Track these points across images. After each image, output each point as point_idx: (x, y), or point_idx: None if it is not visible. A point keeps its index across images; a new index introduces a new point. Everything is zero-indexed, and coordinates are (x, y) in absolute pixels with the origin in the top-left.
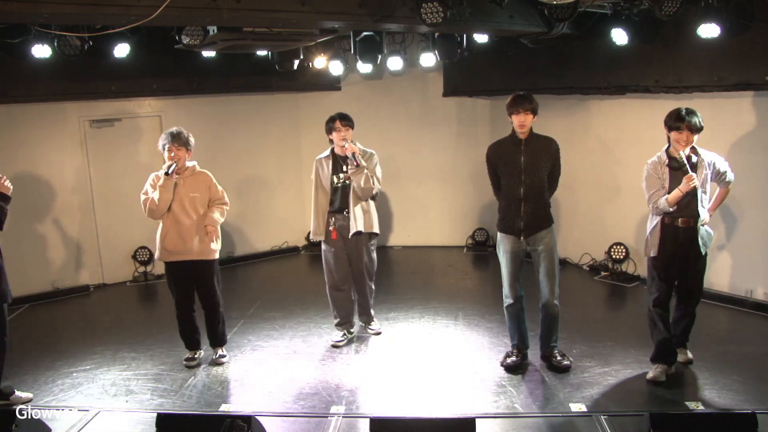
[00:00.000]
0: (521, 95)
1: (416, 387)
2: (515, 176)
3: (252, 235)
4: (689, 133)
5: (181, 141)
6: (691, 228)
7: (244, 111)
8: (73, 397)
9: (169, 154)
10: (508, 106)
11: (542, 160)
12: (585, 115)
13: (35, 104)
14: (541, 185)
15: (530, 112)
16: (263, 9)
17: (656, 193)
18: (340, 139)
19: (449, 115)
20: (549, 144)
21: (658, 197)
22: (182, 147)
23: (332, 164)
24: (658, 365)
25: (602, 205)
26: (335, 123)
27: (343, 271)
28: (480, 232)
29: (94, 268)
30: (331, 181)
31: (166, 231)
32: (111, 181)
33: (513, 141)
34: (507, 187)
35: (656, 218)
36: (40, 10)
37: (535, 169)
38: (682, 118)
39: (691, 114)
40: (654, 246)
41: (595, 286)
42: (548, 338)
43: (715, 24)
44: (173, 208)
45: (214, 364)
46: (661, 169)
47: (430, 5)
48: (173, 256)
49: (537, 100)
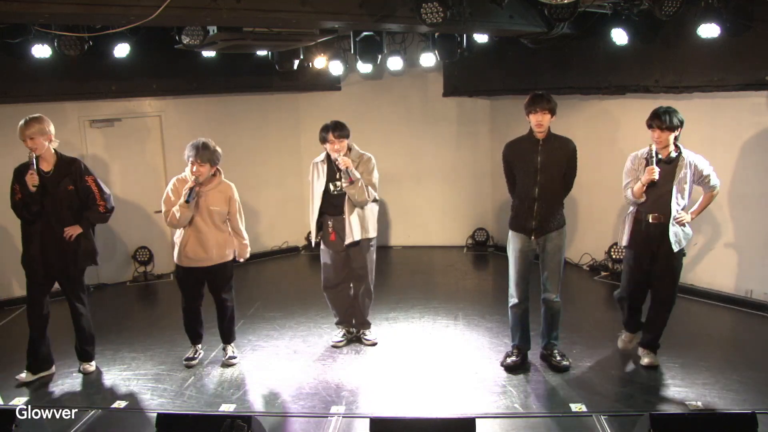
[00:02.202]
0: (539, 94)
1: (416, 387)
2: (530, 176)
3: (252, 235)
4: (660, 131)
5: (204, 157)
6: (661, 224)
7: (244, 111)
8: (73, 397)
9: (191, 168)
10: (525, 105)
11: (558, 160)
12: (585, 115)
13: (35, 104)
14: (556, 186)
15: (548, 111)
16: (263, 9)
17: (629, 184)
18: (333, 152)
19: (449, 115)
20: (566, 144)
21: (629, 188)
22: (206, 163)
23: (327, 170)
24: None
25: (602, 205)
26: (328, 134)
27: (340, 272)
28: (480, 232)
29: (94, 268)
30: (326, 187)
31: (187, 239)
32: (111, 181)
33: (530, 140)
34: (521, 186)
35: (632, 209)
36: (40, 10)
37: (550, 170)
38: (654, 117)
39: (665, 113)
40: (626, 235)
41: (595, 286)
42: (548, 334)
43: (715, 24)
44: (195, 219)
45: (224, 365)
46: (638, 161)
47: (430, 5)
48: (192, 262)
49: (556, 100)
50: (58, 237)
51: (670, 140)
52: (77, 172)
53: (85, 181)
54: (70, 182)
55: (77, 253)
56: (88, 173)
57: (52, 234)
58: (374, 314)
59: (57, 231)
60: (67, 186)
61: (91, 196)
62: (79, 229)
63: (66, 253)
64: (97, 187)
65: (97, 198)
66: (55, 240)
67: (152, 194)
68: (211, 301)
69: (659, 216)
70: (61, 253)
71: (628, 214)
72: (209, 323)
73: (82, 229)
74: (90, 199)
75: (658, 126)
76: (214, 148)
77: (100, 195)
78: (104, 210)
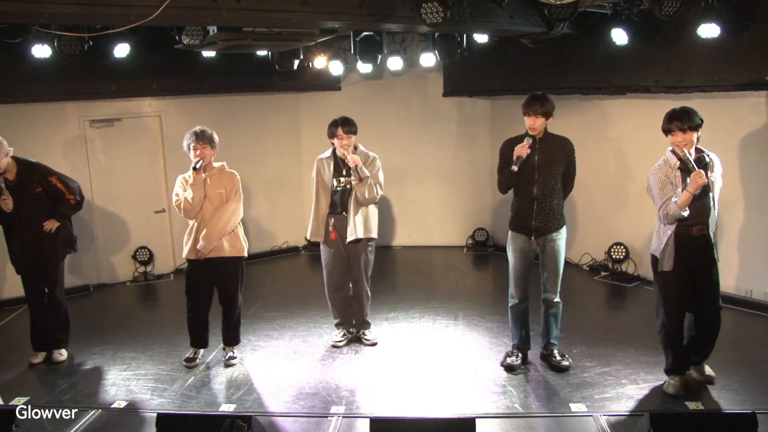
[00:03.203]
0: (536, 96)
1: (416, 387)
2: (529, 174)
3: (252, 235)
4: (683, 133)
5: (205, 139)
6: (705, 236)
7: (244, 111)
8: (73, 397)
9: (195, 152)
10: (522, 105)
11: (556, 159)
12: (585, 115)
13: (35, 104)
14: (555, 185)
15: (542, 115)
16: (263, 9)
17: (669, 199)
18: (341, 147)
19: (449, 115)
20: (564, 144)
21: (669, 203)
22: (207, 145)
23: (333, 166)
24: (676, 377)
25: (602, 205)
26: (338, 129)
27: (342, 272)
28: (480, 232)
29: (94, 268)
30: (331, 183)
31: (197, 228)
32: (111, 181)
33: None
34: (520, 186)
35: (669, 229)
36: (40, 10)
37: (549, 169)
38: (673, 119)
39: (684, 113)
40: (670, 259)
41: (595, 286)
42: (548, 334)
43: (715, 24)
44: (204, 207)
45: (224, 366)
46: (673, 173)
47: (430, 5)
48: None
49: (553, 102)
50: (35, 234)
51: (694, 140)
52: (40, 175)
53: (50, 182)
54: (37, 185)
55: (56, 242)
56: (51, 173)
57: (30, 232)
58: (374, 314)
59: (34, 228)
60: (34, 189)
61: (59, 194)
62: (57, 222)
63: (45, 246)
64: (63, 184)
65: (66, 194)
66: (33, 237)
67: (152, 194)
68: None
69: (702, 227)
70: (41, 247)
71: (668, 236)
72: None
73: (58, 222)
74: (59, 196)
75: (680, 127)
76: (211, 132)
77: (68, 190)
78: (75, 202)
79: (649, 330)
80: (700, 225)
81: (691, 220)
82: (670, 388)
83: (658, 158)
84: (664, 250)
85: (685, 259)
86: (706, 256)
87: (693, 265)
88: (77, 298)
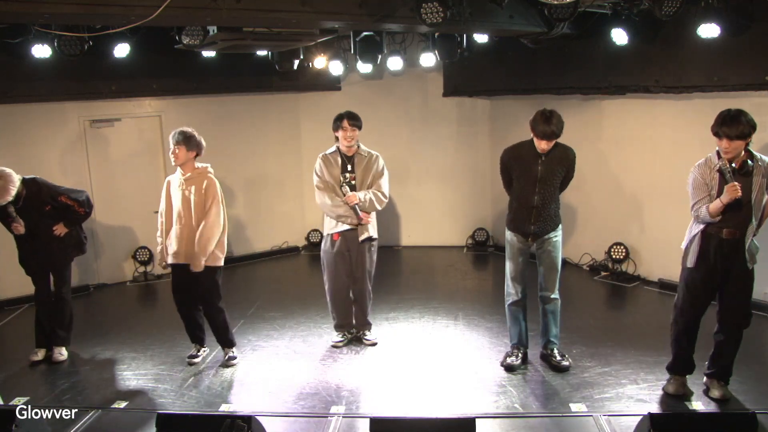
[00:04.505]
0: (546, 117)
1: (416, 387)
2: (530, 185)
3: (252, 235)
4: (729, 141)
5: (179, 139)
6: (736, 240)
7: (244, 111)
8: (72, 397)
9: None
10: (531, 122)
11: (558, 169)
12: (585, 115)
13: (35, 104)
14: (554, 193)
15: (554, 141)
16: (263, 9)
17: (701, 201)
18: (345, 140)
19: (449, 115)
20: (566, 153)
21: (702, 205)
22: (182, 145)
23: (340, 162)
24: (676, 376)
25: (602, 205)
26: (343, 122)
27: (344, 273)
28: (480, 232)
29: (94, 268)
30: (338, 180)
31: (169, 230)
32: (111, 181)
33: (531, 151)
34: (520, 193)
35: (698, 226)
36: (40, 10)
37: (550, 180)
38: (721, 123)
39: (733, 120)
40: (693, 256)
41: (595, 286)
42: (547, 332)
43: (715, 24)
44: (179, 212)
45: (224, 366)
46: (710, 174)
47: (430, 5)
48: (170, 257)
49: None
50: (45, 240)
51: (741, 150)
52: (48, 196)
53: (59, 201)
54: (45, 204)
55: (65, 244)
56: (59, 194)
57: (39, 239)
58: (374, 314)
59: (43, 236)
60: (44, 207)
61: (70, 209)
62: (66, 228)
63: (54, 249)
64: (72, 200)
65: (76, 207)
66: (42, 242)
67: (152, 194)
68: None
69: (734, 231)
70: (50, 250)
71: (695, 233)
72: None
73: (67, 228)
74: (70, 210)
75: (727, 134)
76: (191, 134)
77: (78, 204)
78: (84, 213)
79: (650, 330)
80: (732, 228)
81: (722, 222)
82: (670, 388)
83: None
84: (689, 246)
85: (710, 260)
86: (735, 261)
87: (719, 267)
88: (77, 298)
